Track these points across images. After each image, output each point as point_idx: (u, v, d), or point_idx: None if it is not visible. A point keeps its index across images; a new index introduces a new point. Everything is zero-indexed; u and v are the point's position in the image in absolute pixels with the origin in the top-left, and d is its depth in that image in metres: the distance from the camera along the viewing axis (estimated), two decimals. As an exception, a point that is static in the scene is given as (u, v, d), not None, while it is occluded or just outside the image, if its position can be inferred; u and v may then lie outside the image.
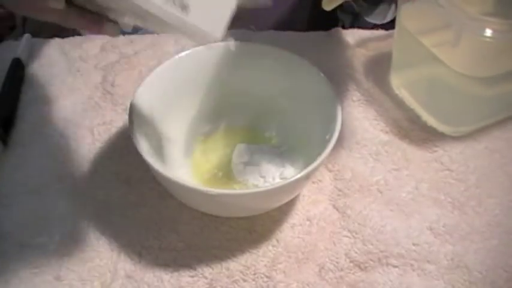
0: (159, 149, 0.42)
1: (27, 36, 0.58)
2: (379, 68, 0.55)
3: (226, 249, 0.41)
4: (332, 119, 0.41)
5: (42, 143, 0.48)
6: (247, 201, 0.39)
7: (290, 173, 0.44)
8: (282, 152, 0.45)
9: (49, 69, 0.55)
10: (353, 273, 0.40)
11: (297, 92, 0.46)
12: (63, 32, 0.66)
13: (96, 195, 0.45)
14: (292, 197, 0.42)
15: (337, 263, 0.40)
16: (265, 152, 0.45)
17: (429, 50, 0.47)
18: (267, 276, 0.40)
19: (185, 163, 0.45)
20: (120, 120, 0.50)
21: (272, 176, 0.43)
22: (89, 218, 0.43)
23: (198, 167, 0.45)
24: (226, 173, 0.45)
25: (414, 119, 0.51)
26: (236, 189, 0.42)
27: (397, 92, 0.53)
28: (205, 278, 0.40)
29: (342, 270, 0.40)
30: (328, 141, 0.39)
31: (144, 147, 0.39)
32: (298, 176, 0.37)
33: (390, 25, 0.54)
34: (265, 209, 0.42)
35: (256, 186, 0.43)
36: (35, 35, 0.59)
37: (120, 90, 0.53)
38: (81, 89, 0.53)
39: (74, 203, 0.44)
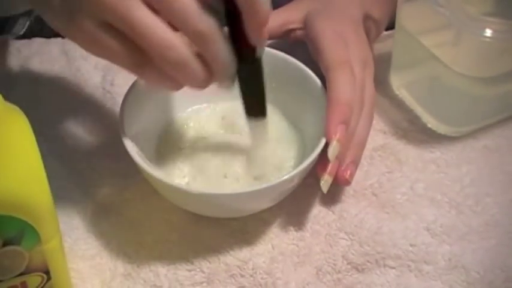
0: (156, 149, 0.42)
1: (27, 36, 0.58)
2: (379, 68, 0.54)
3: (223, 246, 0.41)
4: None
5: (41, 143, 0.48)
6: (237, 202, 0.39)
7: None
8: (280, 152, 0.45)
9: (49, 69, 0.55)
10: (350, 275, 0.40)
11: (294, 93, 0.46)
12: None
13: (96, 194, 0.45)
14: (283, 197, 0.41)
15: (334, 265, 0.40)
16: (261, 151, 0.45)
17: (429, 50, 0.47)
18: (266, 273, 0.40)
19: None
20: (120, 120, 0.50)
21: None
22: (88, 217, 0.43)
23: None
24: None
25: (414, 120, 0.50)
26: (226, 191, 0.42)
27: (397, 92, 0.53)
28: (203, 272, 0.40)
29: (339, 272, 0.40)
30: (320, 141, 0.39)
31: (135, 148, 0.39)
32: (287, 176, 0.37)
33: (390, 25, 0.54)
34: (256, 209, 0.42)
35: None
36: (35, 34, 0.59)
37: (119, 89, 0.53)
38: (81, 88, 0.54)
39: (74, 202, 0.44)
